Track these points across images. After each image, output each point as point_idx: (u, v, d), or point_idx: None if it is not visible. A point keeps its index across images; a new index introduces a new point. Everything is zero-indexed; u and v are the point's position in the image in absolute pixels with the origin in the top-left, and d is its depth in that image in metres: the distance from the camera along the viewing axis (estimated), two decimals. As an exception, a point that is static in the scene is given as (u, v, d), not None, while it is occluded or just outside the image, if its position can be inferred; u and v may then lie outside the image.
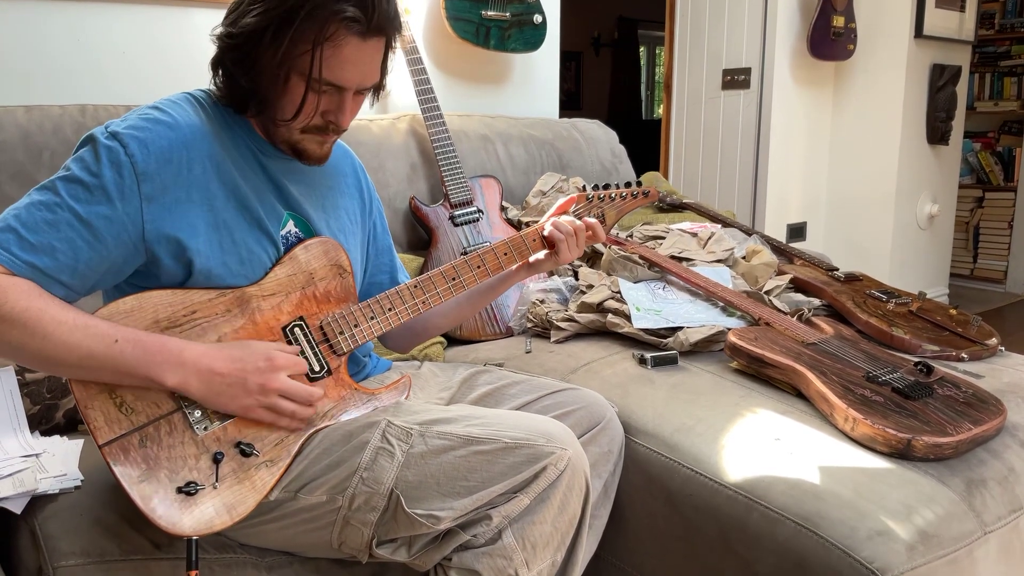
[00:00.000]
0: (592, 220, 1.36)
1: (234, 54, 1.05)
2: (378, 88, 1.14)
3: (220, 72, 1.09)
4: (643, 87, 8.37)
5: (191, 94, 1.10)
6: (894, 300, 1.79)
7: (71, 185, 0.97)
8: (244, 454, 1.03)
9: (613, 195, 1.44)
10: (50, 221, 0.96)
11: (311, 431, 1.09)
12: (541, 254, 1.34)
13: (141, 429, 0.99)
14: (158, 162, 1.00)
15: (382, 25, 1.04)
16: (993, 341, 1.63)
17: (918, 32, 3.57)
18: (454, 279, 1.24)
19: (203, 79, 1.15)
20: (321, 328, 1.13)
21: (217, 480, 1.01)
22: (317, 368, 1.11)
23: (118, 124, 1.00)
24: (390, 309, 1.18)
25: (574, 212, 1.40)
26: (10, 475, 1.13)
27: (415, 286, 1.21)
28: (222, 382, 1.00)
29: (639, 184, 1.49)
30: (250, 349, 1.03)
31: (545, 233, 1.32)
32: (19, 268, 0.94)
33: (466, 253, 1.62)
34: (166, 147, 1.00)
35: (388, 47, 1.10)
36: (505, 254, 1.29)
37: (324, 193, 1.23)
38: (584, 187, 1.44)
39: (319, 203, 1.21)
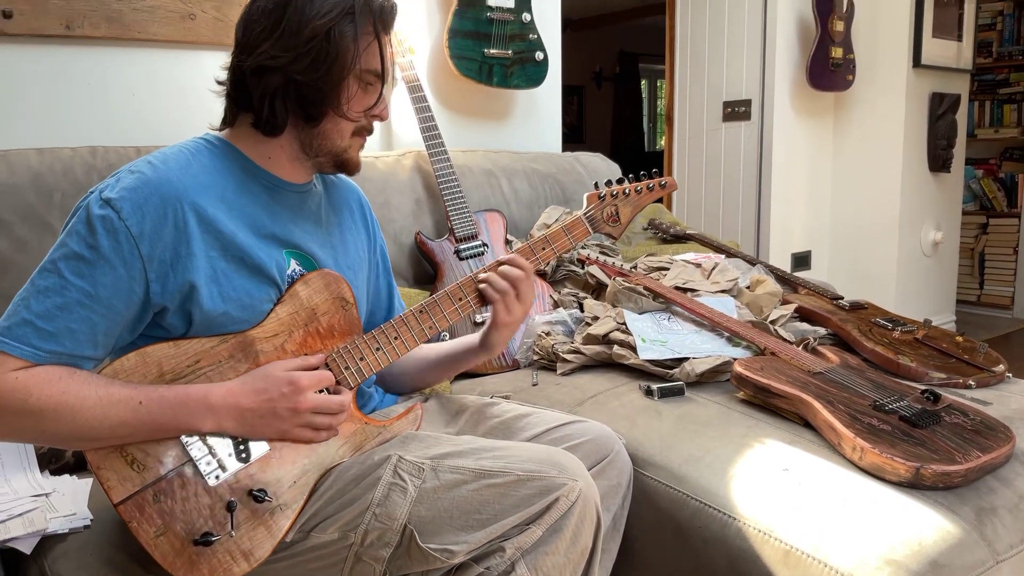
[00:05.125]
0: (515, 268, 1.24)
1: (301, 63, 1.06)
2: None
3: (278, 94, 1.09)
4: (645, 119, 8.46)
5: (184, 146, 1.11)
6: (899, 328, 1.79)
7: (71, 262, 0.99)
8: (257, 500, 1.03)
9: (627, 189, 1.36)
10: (61, 305, 0.98)
11: (324, 470, 1.10)
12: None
13: (154, 484, 1.00)
14: (153, 222, 1.01)
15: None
16: (1000, 368, 1.63)
17: (916, 62, 3.61)
18: (461, 299, 1.23)
19: (212, 120, 1.17)
20: (327, 365, 1.13)
21: (233, 528, 1.01)
22: (326, 406, 1.12)
23: (111, 189, 1.01)
24: (396, 338, 1.18)
25: (585, 214, 1.32)
26: (20, 515, 1.13)
27: (420, 311, 1.20)
28: (253, 415, 1.03)
29: (655, 175, 1.39)
30: (272, 377, 1.05)
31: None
32: (43, 358, 0.97)
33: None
34: (160, 204, 1.01)
35: None
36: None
37: (331, 230, 1.24)
38: (596, 184, 1.36)
39: (327, 240, 1.22)
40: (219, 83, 1.15)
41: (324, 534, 1.05)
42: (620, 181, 1.37)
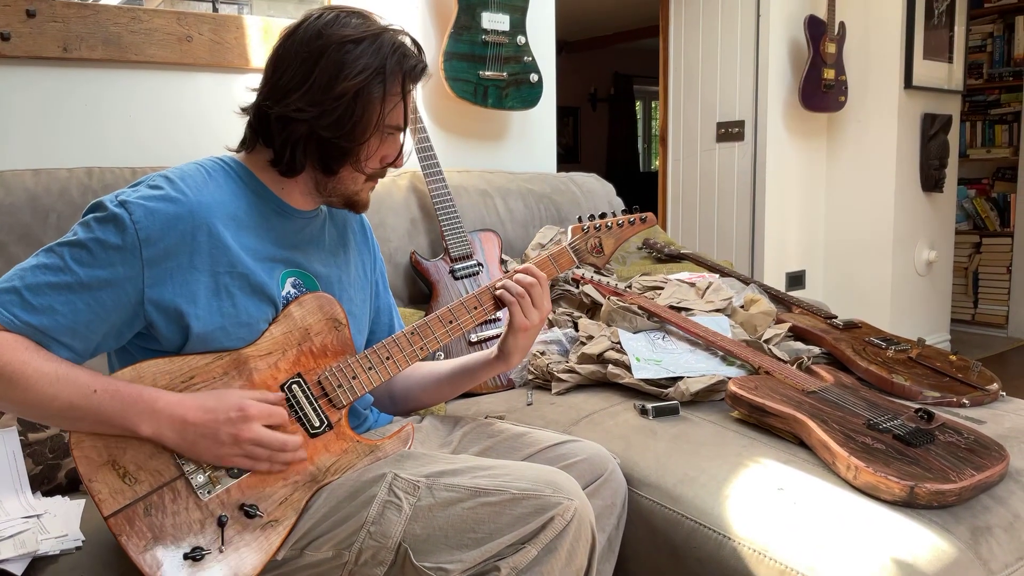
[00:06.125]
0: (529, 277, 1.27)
1: (328, 120, 1.09)
2: None
3: (300, 143, 1.11)
4: (640, 140, 8.51)
5: (202, 165, 1.13)
6: (893, 347, 1.80)
7: (75, 249, 1.01)
8: (248, 515, 1.03)
9: (610, 223, 1.42)
10: (52, 284, 0.99)
11: (316, 488, 1.10)
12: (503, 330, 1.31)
13: (145, 498, 1.00)
14: (162, 229, 1.02)
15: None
16: (994, 386, 1.63)
17: (908, 83, 3.64)
18: (451, 322, 1.24)
19: (207, 142, 1.18)
20: (319, 383, 1.14)
21: (223, 544, 1.01)
22: (317, 424, 1.12)
23: (128, 193, 1.04)
24: (388, 358, 1.19)
25: (571, 245, 1.37)
26: (11, 536, 1.13)
27: (412, 332, 1.21)
28: (195, 432, 1.01)
29: (636, 210, 1.46)
30: (224, 399, 1.04)
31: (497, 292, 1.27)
32: (17, 327, 0.98)
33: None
34: (172, 215, 1.03)
35: None
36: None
37: (336, 251, 1.27)
38: (580, 218, 1.43)
39: (332, 260, 1.25)
40: (243, 110, 1.17)
41: (318, 552, 1.05)
42: (603, 216, 1.43)
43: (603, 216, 1.43)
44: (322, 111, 1.09)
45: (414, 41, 1.17)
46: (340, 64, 1.08)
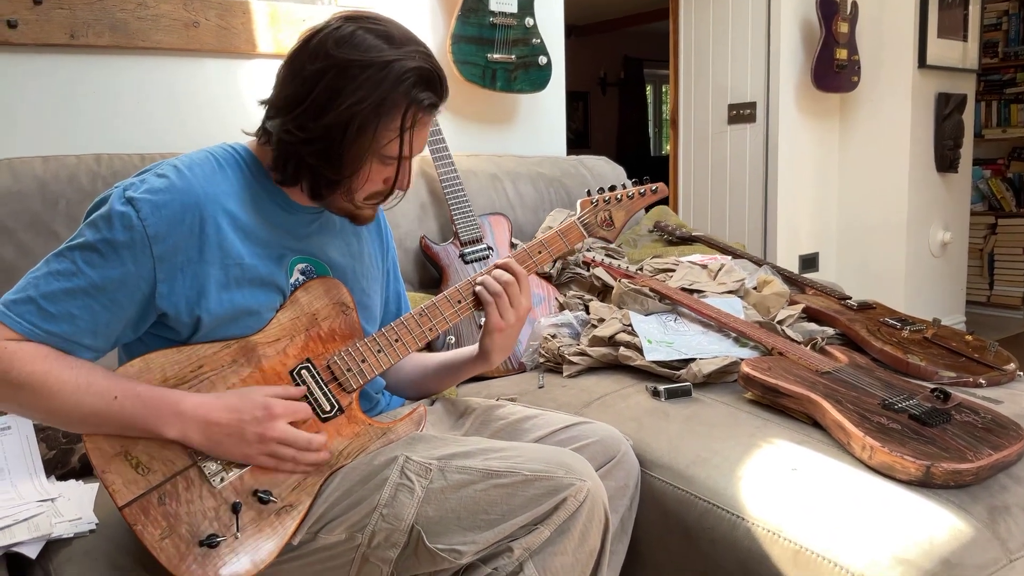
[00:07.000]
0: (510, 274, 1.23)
1: (313, 147, 1.05)
2: None
3: (291, 161, 1.08)
4: (651, 124, 8.45)
5: (213, 153, 1.11)
6: (908, 327, 1.78)
7: (86, 252, 1.00)
8: (262, 501, 1.03)
9: (619, 195, 1.38)
10: (67, 290, 0.99)
11: (329, 472, 1.10)
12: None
13: (159, 487, 1.00)
14: (170, 224, 1.01)
15: (446, 96, 1.10)
16: (1011, 366, 1.61)
17: (921, 62, 3.60)
18: (460, 302, 1.23)
19: (215, 127, 1.17)
20: (328, 367, 1.13)
21: (238, 530, 1.01)
22: (328, 408, 1.12)
23: (135, 188, 1.02)
24: (396, 340, 1.19)
25: (580, 219, 1.34)
26: (25, 520, 1.13)
27: (420, 314, 1.21)
28: (220, 432, 1.01)
29: (646, 181, 1.41)
30: (248, 398, 1.03)
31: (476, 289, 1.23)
32: (39, 336, 0.98)
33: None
34: (179, 209, 1.02)
35: None
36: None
37: (349, 240, 1.25)
38: (588, 191, 1.39)
39: (346, 250, 1.24)
40: (260, 103, 1.14)
41: (331, 535, 1.05)
42: (612, 188, 1.39)
43: (612, 188, 1.39)
44: (308, 138, 1.04)
45: (433, 71, 1.07)
46: (336, 91, 1.02)
